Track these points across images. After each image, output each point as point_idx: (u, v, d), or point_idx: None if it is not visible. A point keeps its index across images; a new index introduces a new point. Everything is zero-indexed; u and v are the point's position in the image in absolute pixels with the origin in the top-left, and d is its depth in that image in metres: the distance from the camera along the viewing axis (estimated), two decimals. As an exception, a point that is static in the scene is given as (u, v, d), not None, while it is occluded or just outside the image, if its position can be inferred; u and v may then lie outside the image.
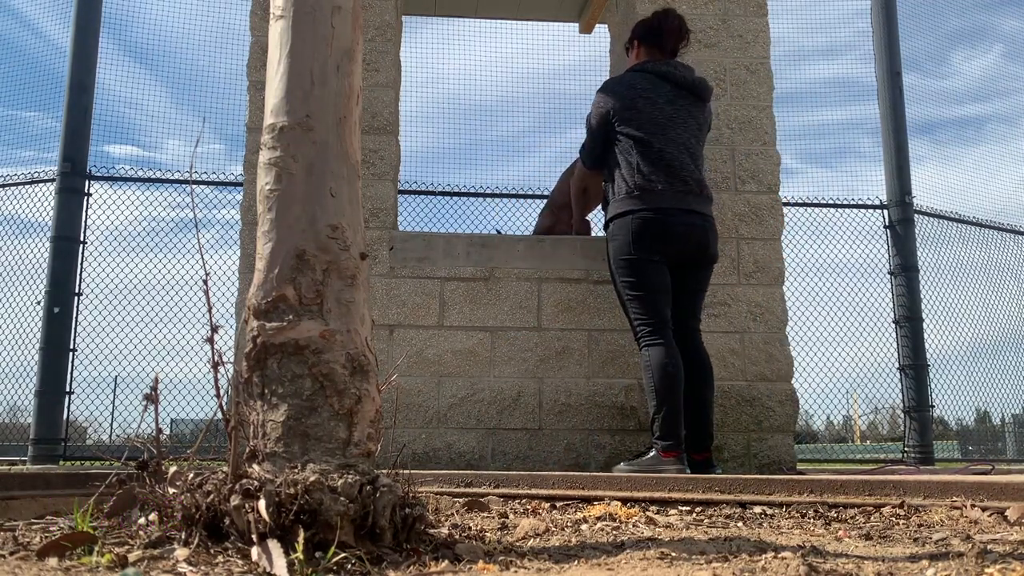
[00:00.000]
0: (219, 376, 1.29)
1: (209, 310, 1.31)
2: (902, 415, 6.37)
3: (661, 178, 3.30)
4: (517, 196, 6.93)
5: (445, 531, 1.37)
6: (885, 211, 6.53)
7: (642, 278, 3.30)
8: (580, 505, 2.22)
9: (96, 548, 1.10)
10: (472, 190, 6.89)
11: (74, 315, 5.62)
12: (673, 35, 3.50)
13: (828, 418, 9.93)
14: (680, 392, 3.18)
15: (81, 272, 5.71)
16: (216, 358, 1.29)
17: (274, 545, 1.05)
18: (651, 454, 3.17)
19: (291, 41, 1.38)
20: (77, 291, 5.67)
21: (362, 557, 1.09)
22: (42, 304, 5.54)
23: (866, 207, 6.71)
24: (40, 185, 5.95)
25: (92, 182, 5.86)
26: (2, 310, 6.01)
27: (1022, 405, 7.51)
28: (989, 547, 1.29)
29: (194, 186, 6.28)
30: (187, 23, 6.68)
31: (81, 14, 5.76)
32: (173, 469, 1.27)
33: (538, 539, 1.49)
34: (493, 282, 3.83)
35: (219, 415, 1.27)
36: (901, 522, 1.87)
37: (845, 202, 6.82)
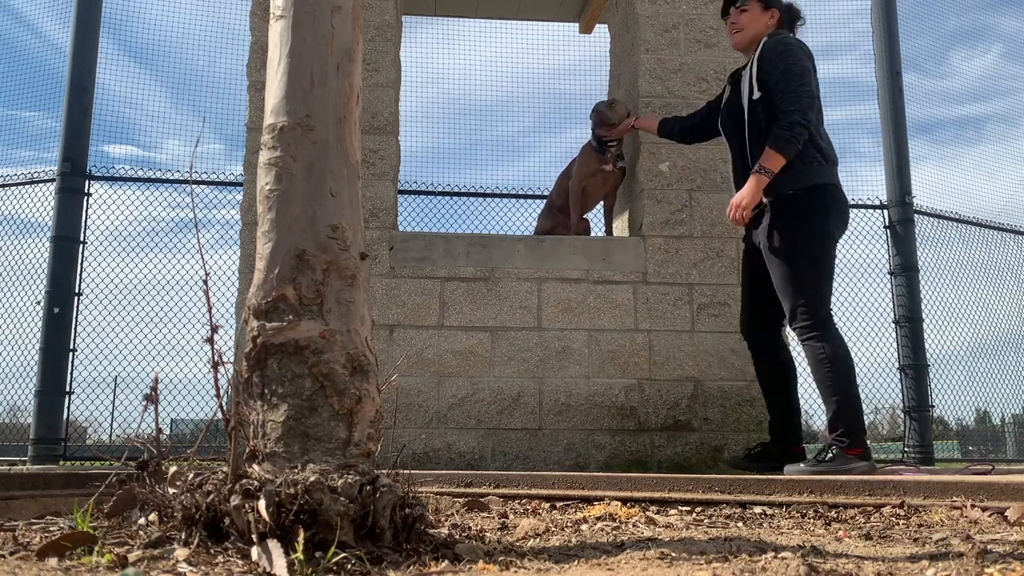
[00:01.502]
0: (219, 376, 1.29)
1: (209, 310, 1.31)
2: (902, 415, 6.37)
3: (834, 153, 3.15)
4: (517, 196, 6.93)
5: (445, 531, 1.37)
6: (885, 211, 6.53)
7: (831, 259, 3.10)
8: (580, 505, 2.22)
9: (96, 548, 1.10)
10: (472, 190, 6.89)
11: (74, 315, 5.61)
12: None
13: (828, 418, 9.91)
14: (857, 384, 3.03)
15: (81, 272, 5.70)
16: (216, 358, 1.29)
17: (274, 545, 1.05)
18: (834, 452, 2.99)
19: (291, 41, 1.38)
20: (77, 291, 5.66)
21: (362, 557, 1.09)
22: (42, 304, 5.53)
23: (866, 207, 6.71)
24: (40, 185, 5.95)
25: (92, 182, 5.86)
26: (2, 310, 6.01)
27: (1022, 405, 7.51)
28: (989, 547, 1.29)
29: (194, 186, 6.28)
30: (187, 23, 6.68)
31: (81, 14, 5.76)
32: (173, 469, 1.27)
33: (538, 539, 1.49)
34: (493, 282, 3.83)
35: (219, 415, 1.27)
36: (901, 522, 1.87)
37: (845, 202, 6.80)
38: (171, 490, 1.21)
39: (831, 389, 2.98)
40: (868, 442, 3.05)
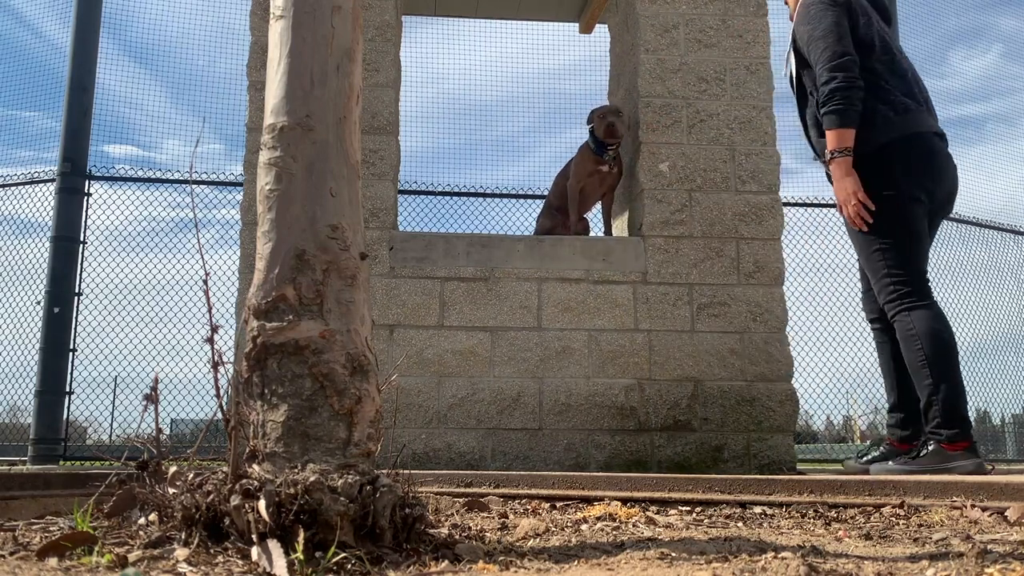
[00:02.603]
0: (219, 376, 1.29)
1: (209, 310, 1.31)
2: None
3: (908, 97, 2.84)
4: (517, 196, 6.94)
5: (445, 531, 1.37)
6: (885, 211, 6.53)
7: (912, 223, 2.75)
8: (580, 505, 2.22)
9: (96, 548, 1.10)
10: (472, 190, 6.89)
11: (74, 315, 5.62)
12: None
13: (828, 418, 9.94)
14: (959, 365, 2.63)
15: (81, 272, 5.71)
16: (216, 358, 1.29)
17: (274, 545, 1.05)
18: (931, 448, 2.64)
19: (291, 41, 1.38)
20: (77, 291, 5.67)
21: (362, 557, 1.09)
22: (42, 304, 5.54)
23: (866, 207, 6.71)
24: (40, 185, 5.96)
25: (92, 182, 5.87)
26: (2, 310, 6.01)
27: (1022, 405, 7.51)
28: (989, 547, 1.29)
29: (194, 186, 6.28)
30: (187, 23, 6.68)
31: (81, 14, 5.77)
32: (173, 469, 1.27)
33: (538, 539, 1.49)
34: (493, 282, 3.83)
35: (219, 415, 1.27)
36: (901, 522, 1.87)
37: (845, 202, 6.81)
38: (171, 490, 1.21)
39: (923, 370, 2.61)
40: (969, 435, 2.61)
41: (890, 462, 2.80)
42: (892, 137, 2.79)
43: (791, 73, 3.12)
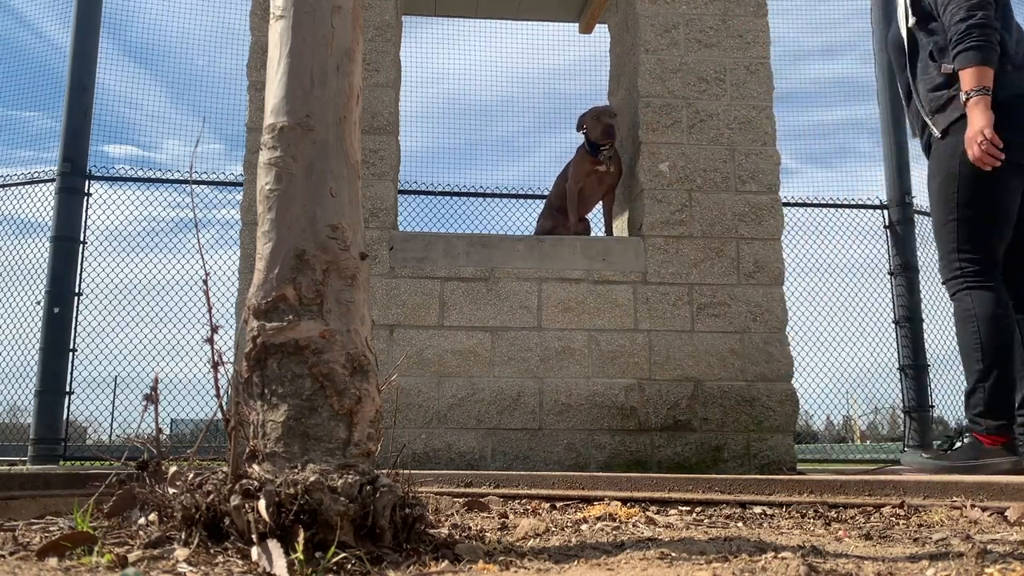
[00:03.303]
0: (219, 376, 1.29)
1: (209, 310, 1.31)
2: (902, 415, 6.37)
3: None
4: (517, 196, 6.94)
5: (445, 531, 1.37)
6: (885, 211, 6.54)
7: (999, 193, 2.54)
8: (580, 505, 2.22)
9: (96, 548, 1.10)
10: (472, 190, 6.89)
11: (74, 315, 5.62)
12: None
13: (828, 418, 9.94)
14: (1017, 355, 2.45)
15: (81, 272, 5.71)
16: (216, 358, 1.29)
17: (274, 545, 1.05)
18: (967, 442, 2.51)
19: (291, 41, 1.38)
20: (77, 291, 5.67)
21: (362, 557, 1.09)
22: (42, 304, 5.54)
23: (866, 207, 6.72)
24: (40, 185, 5.96)
25: (92, 182, 5.87)
26: (2, 310, 6.01)
27: (1022, 405, 7.49)
28: (989, 547, 1.29)
29: (194, 186, 6.28)
30: (186, 23, 6.68)
31: (81, 14, 5.77)
32: (173, 469, 1.27)
33: (538, 539, 1.49)
34: (493, 282, 3.83)
35: (219, 415, 1.27)
36: (901, 522, 1.87)
37: (845, 202, 6.82)
38: (171, 490, 1.21)
39: (975, 354, 2.44)
40: (994, 431, 2.38)
41: (923, 454, 2.66)
42: (1009, 93, 2.63)
43: (904, 28, 2.92)
